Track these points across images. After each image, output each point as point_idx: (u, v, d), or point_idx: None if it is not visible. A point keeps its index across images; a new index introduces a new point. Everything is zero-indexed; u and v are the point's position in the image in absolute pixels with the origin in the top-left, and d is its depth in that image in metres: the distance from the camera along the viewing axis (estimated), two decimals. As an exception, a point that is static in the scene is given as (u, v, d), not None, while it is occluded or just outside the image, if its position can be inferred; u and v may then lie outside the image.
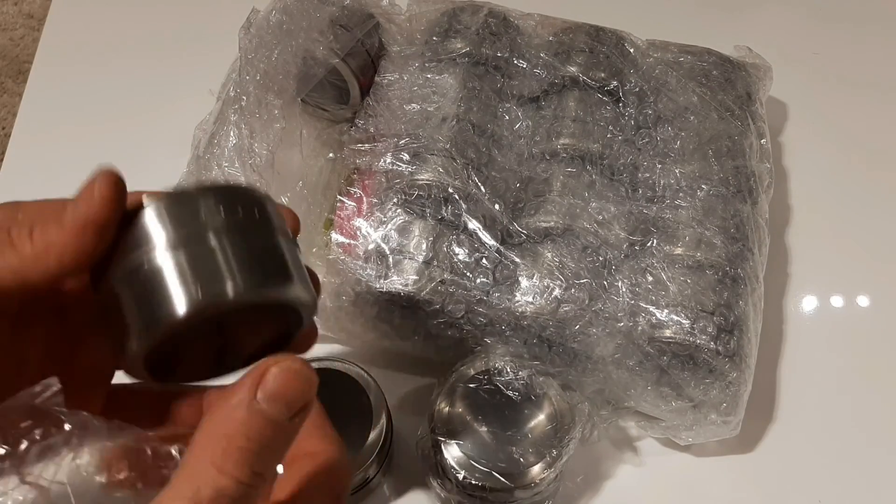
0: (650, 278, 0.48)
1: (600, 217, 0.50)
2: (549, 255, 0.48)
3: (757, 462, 0.51)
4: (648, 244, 0.50)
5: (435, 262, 0.48)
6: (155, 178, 0.42)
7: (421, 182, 0.50)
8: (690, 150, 0.53)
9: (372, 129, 0.53)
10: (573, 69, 0.56)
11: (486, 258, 0.48)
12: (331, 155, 0.53)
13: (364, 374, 0.47)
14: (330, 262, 0.50)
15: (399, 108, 0.53)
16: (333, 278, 0.49)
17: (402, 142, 0.51)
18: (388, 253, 0.48)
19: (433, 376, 0.47)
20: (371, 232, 0.49)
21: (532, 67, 0.58)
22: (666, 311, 0.47)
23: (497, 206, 0.50)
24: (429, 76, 0.55)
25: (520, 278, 0.48)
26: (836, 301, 0.59)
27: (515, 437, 0.45)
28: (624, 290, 0.48)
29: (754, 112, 0.57)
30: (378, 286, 0.48)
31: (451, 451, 0.44)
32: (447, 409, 0.45)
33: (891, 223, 0.62)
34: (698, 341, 0.46)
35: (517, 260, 0.48)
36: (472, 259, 0.48)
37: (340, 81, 0.54)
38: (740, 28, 0.75)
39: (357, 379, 0.47)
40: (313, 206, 0.50)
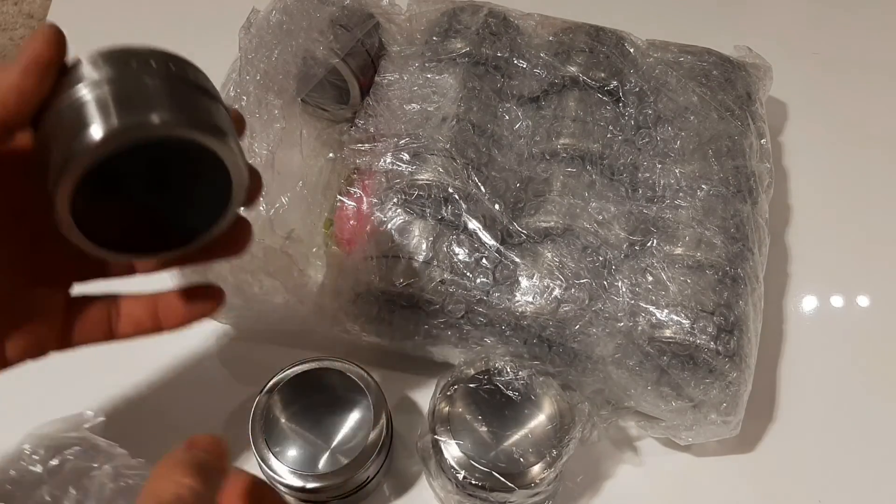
0: (650, 278, 0.48)
1: (600, 217, 0.50)
2: (549, 255, 0.48)
3: (757, 462, 0.51)
4: (648, 244, 0.50)
5: (435, 262, 0.48)
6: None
7: (421, 182, 0.50)
8: (690, 150, 0.53)
9: (372, 129, 0.53)
10: (573, 69, 0.56)
11: (486, 258, 0.48)
12: (331, 155, 0.53)
13: (364, 374, 0.47)
14: (330, 262, 0.50)
15: (399, 108, 0.53)
16: (333, 278, 0.49)
17: (402, 142, 0.51)
18: (387, 253, 0.48)
19: (433, 376, 0.47)
20: (371, 232, 0.49)
21: (532, 67, 0.58)
22: (666, 311, 0.47)
23: (497, 206, 0.50)
24: (429, 76, 0.55)
25: (520, 278, 0.48)
26: (836, 301, 0.59)
27: (515, 437, 0.45)
28: (624, 290, 0.48)
29: (754, 112, 0.57)
30: (378, 286, 0.48)
31: (451, 451, 0.44)
32: (447, 409, 0.45)
33: (891, 223, 0.62)
34: (698, 341, 0.46)
35: (517, 260, 0.48)
36: (472, 259, 0.48)
37: (340, 81, 0.54)
38: (740, 28, 0.75)
39: (357, 379, 0.47)
40: (313, 206, 0.50)
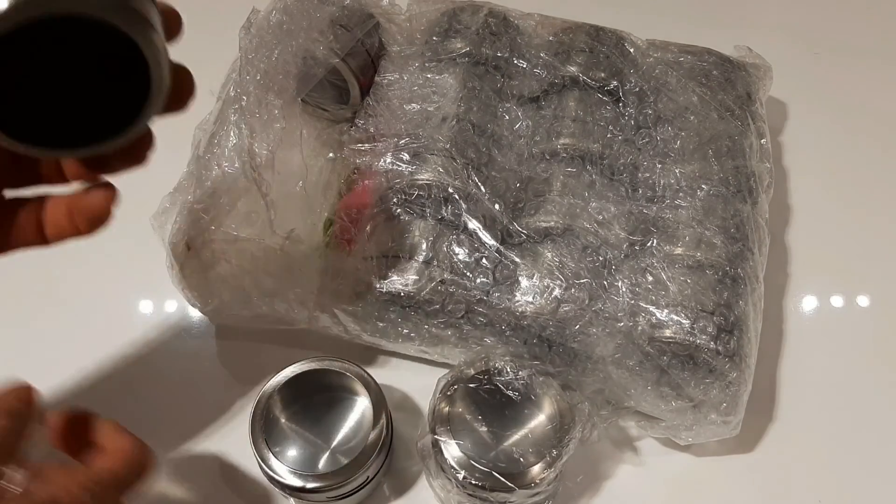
0: (650, 278, 0.48)
1: (600, 217, 0.50)
2: (549, 254, 0.48)
3: (757, 462, 0.51)
4: (648, 244, 0.50)
5: (435, 262, 0.48)
6: (155, 178, 0.43)
7: (421, 182, 0.50)
8: (690, 150, 0.53)
9: (372, 129, 0.53)
10: (573, 69, 0.56)
11: (486, 258, 0.48)
12: (331, 155, 0.53)
13: (364, 374, 0.47)
14: (330, 262, 0.50)
15: (399, 108, 0.53)
16: (333, 279, 0.49)
17: (402, 142, 0.51)
18: (387, 253, 0.48)
19: (433, 376, 0.47)
20: (371, 232, 0.49)
21: (532, 67, 0.58)
22: (666, 310, 0.47)
23: (497, 206, 0.50)
24: (429, 76, 0.55)
25: (520, 278, 0.48)
26: (836, 301, 0.59)
27: (515, 437, 0.45)
28: (624, 289, 0.48)
29: (754, 112, 0.57)
30: (378, 286, 0.48)
31: (451, 451, 0.44)
32: (447, 409, 0.45)
33: (891, 223, 0.62)
34: (698, 341, 0.46)
35: (517, 260, 0.48)
36: (472, 259, 0.48)
37: (340, 81, 0.54)
38: (740, 28, 0.75)
39: (357, 379, 0.47)
40: (313, 206, 0.50)
